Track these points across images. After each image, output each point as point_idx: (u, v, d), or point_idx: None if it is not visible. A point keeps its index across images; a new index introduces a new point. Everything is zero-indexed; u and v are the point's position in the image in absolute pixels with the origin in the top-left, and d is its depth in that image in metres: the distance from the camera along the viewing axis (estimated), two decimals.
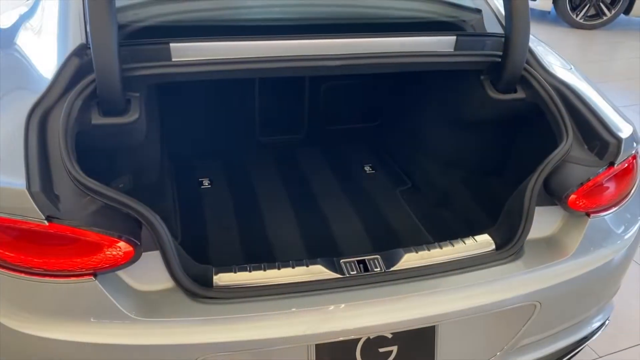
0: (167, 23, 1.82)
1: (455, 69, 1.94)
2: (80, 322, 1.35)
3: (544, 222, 1.73)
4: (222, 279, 1.49)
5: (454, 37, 1.87)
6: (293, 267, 1.54)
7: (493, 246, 1.68)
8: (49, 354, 1.37)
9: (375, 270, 1.58)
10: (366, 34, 1.76)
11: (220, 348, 1.41)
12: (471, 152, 2.25)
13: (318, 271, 1.54)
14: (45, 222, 1.28)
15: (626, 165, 1.75)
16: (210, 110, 2.59)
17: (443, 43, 1.87)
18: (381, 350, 1.55)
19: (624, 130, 1.75)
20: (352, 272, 1.56)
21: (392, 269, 1.58)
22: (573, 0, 7.45)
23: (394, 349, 1.56)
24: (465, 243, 1.66)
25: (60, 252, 1.32)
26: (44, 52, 1.71)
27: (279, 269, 1.53)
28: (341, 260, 1.59)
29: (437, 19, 2.10)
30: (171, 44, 1.63)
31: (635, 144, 1.79)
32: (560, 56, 2.20)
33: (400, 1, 2.16)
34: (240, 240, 2.11)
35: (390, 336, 1.54)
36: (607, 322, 2.02)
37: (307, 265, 1.54)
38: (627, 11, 7.55)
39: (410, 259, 1.60)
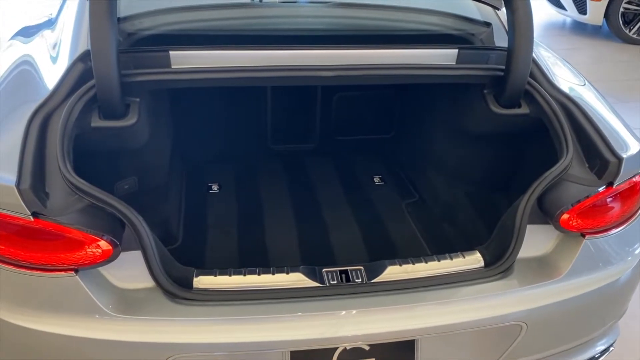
0: (171, 32, 1.89)
1: (456, 83, 1.92)
2: (60, 315, 1.41)
3: (538, 241, 1.69)
4: (202, 281, 1.53)
5: (456, 50, 1.85)
6: (273, 274, 1.56)
7: (481, 263, 1.65)
8: (32, 343, 1.44)
9: (357, 281, 1.58)
10: (362, 45, 1.77)
11: (193, 349, 1.44)
12: (477, 167, 2.22)
13: (297, 279, 1.55)
14: (31, 217, 1.35)
15: (630, 185, 1.68)
16: (224, 117, 2.66)
17: (444, 56, 1.85)
18: None
19: (630, 149, 1.68)
20: (332, 282, 1.57)
21: (373, 280, 1.58)
22: (626, 15, 7.17)
23: None
24: (452, 259, 1.64)
25: (44, 247, 1.39)
26: (59, 59, 1.79)
27: (259, 274, 1.55)
28: (323, 270, 1.60)
29: (444, 32, 2.09)
30: (171, 52, 1.69)
31: None
32: (576, 71, 2.14)
33: (406, 14, 2.16)
34: (239, 245, 2.14)
35: (367, 348, 1.54)
36: (611, 347, 1.94)
37: (288, 273, 1.56)
38: None
39: (392, 272, 1.59)
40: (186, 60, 1.70)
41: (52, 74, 1.71)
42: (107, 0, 1.51)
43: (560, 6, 7.54)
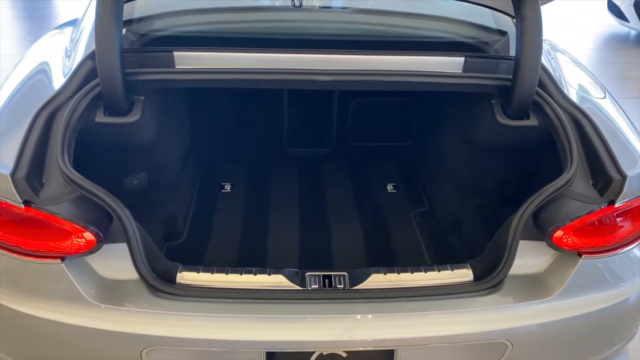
0: (180, 33, 1.94)
1: (462, 92, 1.88)
2: (46, 300, 1.48)
3: (534, 257, 1.63)
4: (185, 277, 1.56)
5: (462, 59, 1.81)
6: (255, 274, 1.57)
7: (470, 277, 1.60)
8: (19, 324, 1.52)
9: (339, 286, 1.57)
10: (363, 50, 1.76)
11: (168, 342, 1.47)
12: (488, 180, 2.15)
13: (278, 281, 1.56)
14: (22, 205, 1.42)
15: (636, 205, 1.59)
16: (242, 119, 2.70)
17: (450, 64, 1.81)
18: None
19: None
20: (314, 286, 1.56)
21: (355, 287, 1.56)
22: None
23: None
24: (439, 271, 1.60)
25: (34, 235, 1.46)
26: (76, 58, 1.87)
27: (241, 274, 1.57)
28: (306, 273, 1.59)
29: (456, 40, 2.04)
30: (175, 53, 1.74)
31: None
32: (597, 83, 2.05)
33: (418, 20, 2.13)
34: (240, 245, 2.17)
35: (344, 355, 1.53)
36: None
37: (269, 274, 1.57)
38: None
39: (376, 280, 1.57)
40: (189, 61, 1.74)
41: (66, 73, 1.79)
42: (113, 1, 1.57)
43: (622, 17, 7.19)
